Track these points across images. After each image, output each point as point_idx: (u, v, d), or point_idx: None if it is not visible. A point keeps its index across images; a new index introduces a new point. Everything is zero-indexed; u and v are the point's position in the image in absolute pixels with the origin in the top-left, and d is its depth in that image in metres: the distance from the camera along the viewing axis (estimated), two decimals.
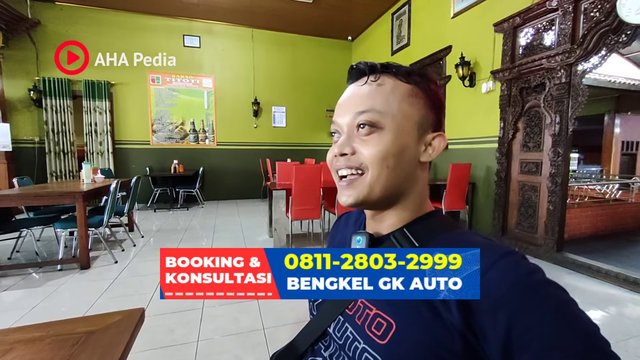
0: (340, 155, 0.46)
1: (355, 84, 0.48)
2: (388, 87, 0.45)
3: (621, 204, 4.36)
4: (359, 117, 0.45)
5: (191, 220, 4.73)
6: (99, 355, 0.48)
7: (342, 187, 0.47)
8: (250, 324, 1.87)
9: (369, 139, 0.44)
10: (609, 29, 2.50)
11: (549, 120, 2.96)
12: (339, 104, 0.49)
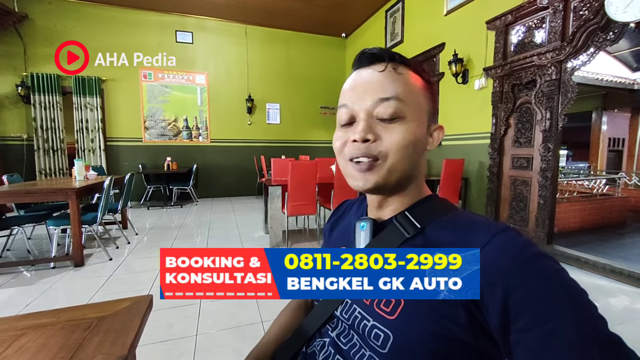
0: (363, 141, 0.45)
1: (371, 69, 0.47)
2: (406, 77, 0.46)
3: (608, 199, 4.48)
4: (383, 104, 0.44)
5: (185, 218, 4.70)
6: (112, 339, 0.49)
7: (361, 171, 0.46)
8: (249, 317, 1.88)
9: (392, 127, 0.45)
10: (597, 27, 2.56)
11: (539, 116, 3.03)
12: (352, 87, 0.47)
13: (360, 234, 0.51)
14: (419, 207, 0.49)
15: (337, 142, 0.49)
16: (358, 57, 0.49)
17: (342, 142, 0.48)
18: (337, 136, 0.49)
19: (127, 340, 0.48)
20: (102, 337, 0.49)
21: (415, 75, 0.47)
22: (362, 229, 0.51)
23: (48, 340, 0.47)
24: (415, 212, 0.47)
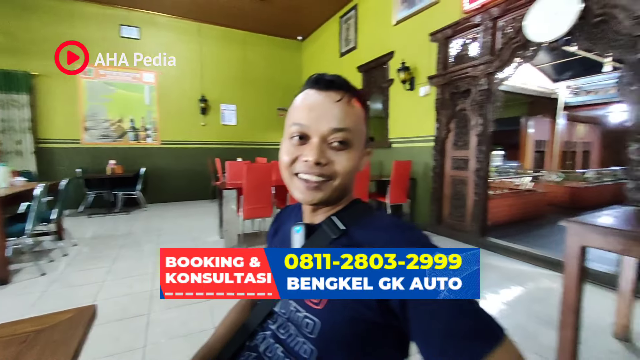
0: (316, 163, 0.50)
1: (328, 96, 0.52)
2: (357, 110, 0.52)
3: (532, 194, 5.10)
4: (337, 134, 0.50)
5: (133, 225, 4.42)
6: (51, 351, 0.49)
7: (310, 188, 0.52)
8: (200, 325, 1.86)
9: (341, 154, 0.51)
10: (519, 45, 2.93)
11: (474, 122, 3.37)
12: (309, 109, 0.51)
13: (296, 236, 0.57)
14: (344, 212, 0.56)
15: (286, 157, 0.53)
16: (315, 79, 0.53)
17: (292, 157, 0.53)
18: (287, 150, 0.53)
19: (69, 350, 0.49)
20: (40, 350, 0.49)
21: (360, 106, 0.54)
22: (297, 232, 0.57)
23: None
24: (341, 216, 0.55)
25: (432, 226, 3.90)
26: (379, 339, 0.47)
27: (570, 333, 1.42)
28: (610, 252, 1.28)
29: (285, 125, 0.55)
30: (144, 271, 2.67)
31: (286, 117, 0.56)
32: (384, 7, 4.67)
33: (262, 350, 0.55)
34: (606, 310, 1.92)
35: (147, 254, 3.14)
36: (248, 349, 0.58)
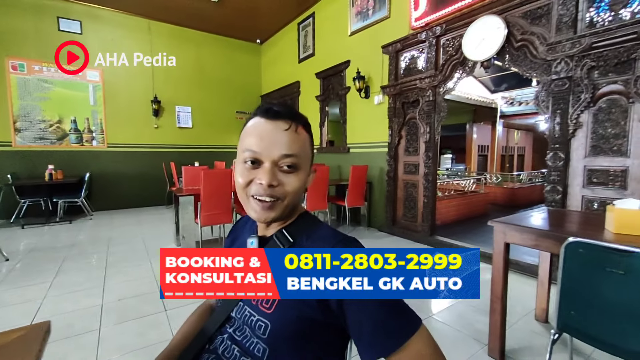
0: (269, 186, 0.56)
1: (277, 125, 0.58)
2: (302, 136, 0.59)
3: (475, 195, 5.62)
4: (286, 159, 0.57)
5: (77, 235, 4.07)
6: None
7: (264, 208, 0.58)
8: (159, 335, 1.81)
9: (291, 176, 0.58)
10: (458, 62, 3.26)
11: (422, 130, 3.66)
12: (260, 137, 0.57)
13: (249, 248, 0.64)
14: (293, 225, 0.64)
15: (241, 179, 0.59)
16: (265, 110, 0.59)
17: (247, 180, 0.58)
18: (241, 173, 0.59)
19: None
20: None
21: (305, 133, 0.61)
22: (251, 245, 0.64)
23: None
24: (290, 229, 0.63)
25: (387, 227, 4.13)
26: (319, 335, 0.55)
27: (499, 318, 1.64)
28: (526, 247, 1.51)
29: (239, 149, 0.61)
30: (93, 284, 2.50)
31: (239, 141, 0.62)
32: (340, 18, 4.86)
33: (220, 352, 0.61)
34: (531, 297, 2.22)
35: (96, 266, 2.94)
36: (207, 352, 0.63)
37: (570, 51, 2.36)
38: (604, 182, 2.33)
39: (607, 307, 1.07)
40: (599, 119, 2.33)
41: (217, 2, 5.31)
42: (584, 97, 2.35)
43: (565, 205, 2.50)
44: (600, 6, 2.31)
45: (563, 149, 2.48)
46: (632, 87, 2.14)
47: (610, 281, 1.04)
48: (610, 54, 2.22)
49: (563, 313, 1.19)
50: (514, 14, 2.74)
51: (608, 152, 2.30)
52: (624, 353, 1.05)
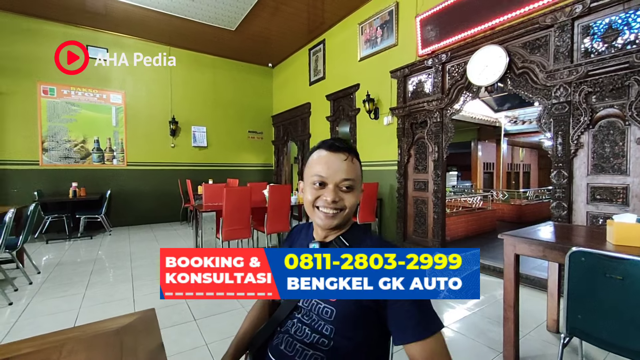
0: (333, 201, 0.73)
1: (338, 155, 0.75)
2: (356, 165, 0.78)
3: (483, 211, 5.72)
4: (345, 182, 0.74)
5: (98, 250, 4.25)
6: (145, 332, 0.66)
7: (329, 217, 0.74)
8: (192, 342, 1.94)
9: (349, 194, 0.76)
10: (463, 86, 3.48)
11: (430, 149, 3.84)
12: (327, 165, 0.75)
13: None
14: (348, 233, 0.81)
15: (310, 197, 0.77)
16: (329, 145, 0.78)
17: (315, 197, 0.76)
18: (310, 192, 0.77)
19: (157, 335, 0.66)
20: (133, 337, 0.66)
21: (357, 162, 0.80)
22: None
23: (88, 345, 0.62)
24: (346, 236, 0.80)
25: (398, 242, 4.25)
26: (371, 318, 0.71)
27: (512, 326, 1.75)
28: (535, 257, 1.64)
29: (307, 174, 0.80)
30: (123, 296, 2.65)
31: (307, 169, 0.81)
32: (350, 45, 5.18)
33: (292, 332, 0.76)
34: (542, 309, 2.31)
35: (123, 279, 3.09)
36: (280, 333, 0.79)
37: (568, 78, 2.57)
38: (607, 199, 2.46)
39: (608, 310, 1.20)
40: (599, 140, 2.50)
41: (234, 30, 5.69)
42: (583, 119, 2.53)
43: (570, 221, 2.63)
44: (594, 37, 2.52)
45: (566, 167, 2.64)
46: (628, 111, 2.32)
47: (610, 286, 1.18)
48: (606, 81, 2.41)
49: (570, 317, 1.32)
50: (514, 44, 2.97)
51: (609, 171, 2.45)
52: (627, 352, 1.17)
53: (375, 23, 4.65)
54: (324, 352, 0.69)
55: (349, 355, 0.69)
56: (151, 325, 0.69)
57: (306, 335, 0.73)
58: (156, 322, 0.71)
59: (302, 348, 0.71)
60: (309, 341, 0.71)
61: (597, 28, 2.50)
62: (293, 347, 0.73)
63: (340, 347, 0.69)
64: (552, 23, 2.67)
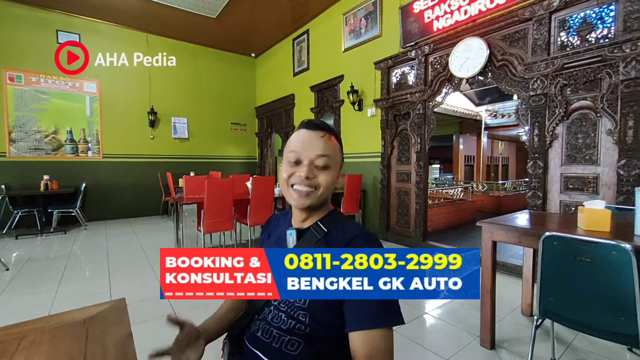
0: (306, 177, 0.71)
1: (314, 133, 0.74)
2: (333, 143, 0.76)
3: (463, 202, 5.87)
4: (320, 158, 0.72)
5: (73, 245, 4.08)
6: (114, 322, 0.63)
7: (302, 195, 0.72)
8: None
9: (324, 172, 0.73)
10: (445, 78, 3.52)
11: (413, 141, 3.89)
12: (302, 142, 0.74)
13: (289, 238, 0.78)
14: (326, 219, 0.79)
15: (285, 173, 0.76)
16: (307, 123, 0.77)
17: (289, 174, 0.75)
18: (285, 169, 0.76)
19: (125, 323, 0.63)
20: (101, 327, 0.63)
21: (336, 142, 0.78)
22: (290, 235, 0.78)
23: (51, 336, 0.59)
24: (324, 222, 0.78)
25: (381, 233, 4.30)
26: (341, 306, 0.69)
27: (489, 310, 1.80)
28: (511, 244, 1.70)
29: (285, 152, 0.78)
30: (100, 290, 2.56)
31: (285, 147, 0.79)
32: (334, 35, 5.12)
33: (269, 319, 0.74)
34: (517, 295, 2.40)
35: (99, 274, 2.98)
36: (258, 320, 0.77)
37: (544, 71, 2.64)
38: (579, 188, 2.57)
39: (578, 292, 1.25)
40: (572, 131, 2.59)
41: (216, 18, 5.51)
42: (558, 111, 2.61)
43: (545, 209, 2.73)
44: (570, 31, 2.60)
45: (542, 158, 2.73)
46: (599, 103, 2.41)
47: (580, 268, 1.23)
48: (580, 74, 2.50)
49: (543, 299, 1.37)
50: (494, 37, 3.02)
51: (581, 161, 2.55)
52: (594, 330, 1.23)
53: (360, 14, 4.62)
54: (301, 337, 0.68)
55: (325, 340, 0.68)
56: (120, 315, 0.66)
57: (283, 322, 0.72)
58: (126, 312, 0.67)
59: (279, 334, 0.70)
60: (286, 327, 0.70)
61: (572, 22, 2.57)
62: (270, 334, 0.71)
63: (316, 332, 0.68)
64: (531, 16, 2.73)
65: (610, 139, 2.38)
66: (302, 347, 0.67)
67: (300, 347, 0.67)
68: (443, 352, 1.76)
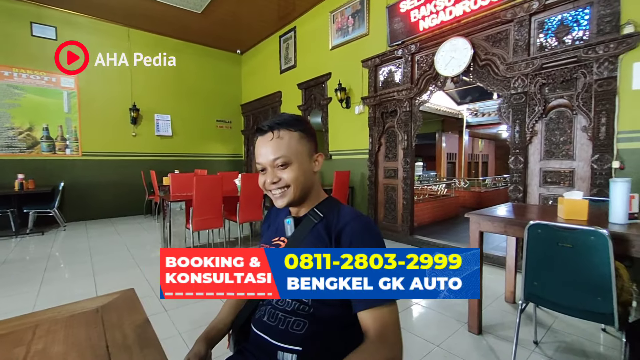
0: (272, 183, 0.75)
1: (264, 137, 0.76)
2: (286, 138, 0.76)
3: (447, 198, 6.04)
4: (277, 160, 0.74)
5: (52, 246, 3.93)
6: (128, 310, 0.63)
7: (277, 197, 0.77)
8: (164, 333, 1.88)
9: (285, 170, 0.75)
10: (431, 77, 3.61)
11: (400, 138, 3.97)
12: (259, 152, 0.77)
13: (287, 226, 0.81)
14: (321, 205, 0.82)
15: (260, 182, 0.80)
16: (257, 129, 0.79)
17: (262, 181, 0.79)
18: (259, 178, 0.80)
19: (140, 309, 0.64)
20: (116, 312, 0.63)
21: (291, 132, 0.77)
22: (288, 223, 0.81)
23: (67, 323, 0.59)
24: (319, 208, 0.81)
25: None
26: None
27: (476, 299, 1.89)
28: (497, 233, 1.78)
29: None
30: (86, 291, 2.49)
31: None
32: (321, 33, 5.14)
33: (274, 303, 0.76)
34: (501, 284, 2.51)
35: (83, 274, 2.89)
36: (263, 305, 0.79)
37: (525, 70, 2.76)
38: (556, 182, 2.71)
39: (560, 275, 1.34)
40: (550, 128, 2.73)
41: (201, 13, 5.41)
42: (537, 109, 2.74)
43: (525, 202, 2.86)
44: (548, 33, 2.73)
45: (522, 153, 2.86)
46: (575, 101, 2.55)
47: (562, 254, 1.31)
48: (557, 73, 2.63)
49: (528, 284, 1.45)
50: (478, 37, 3.13)
51: (558, 156, 2.69)
52: (573, 311, 1.32)
53: (347, 12, 4.66)
54: (306, 317, 0.70)
55: (329, 319, 0.71)
56: (133, 303, 0.66)
57: (287, 304, 0.74)
58: (138, 300, 0.68)
59: (285, 316, 0.72)
60: (290, 309, 0.73)
61: (550, 24, 2.70)
62: (275, 317, 0.73)
63: (319, 312, 0.71)
64: (512, 18, 2.85)
65: (585, 135, 2.52)
66: (307, 326, 0.70)
67: (306, 327, 0.70)
68: (434, 338, 1.83)
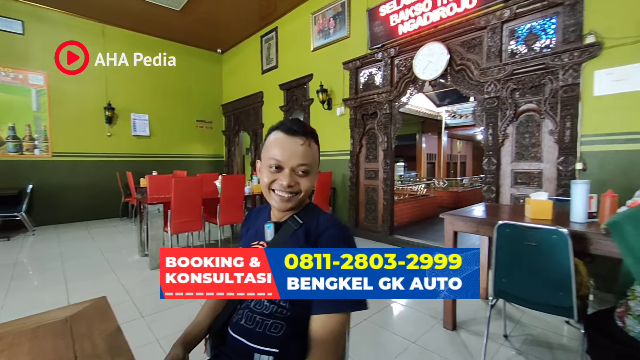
0: (288, 186, 0.75)
1: (295, 140, 0.76)
2: (314, 149, 0.79)
3: (426, 198, 6.20)
4: (301, 167, 0.75)
5: (19, 253, 3.73)
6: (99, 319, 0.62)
7: (283, 200, 0.76)
8: (141, 339, 1.84)
9: (304, 178, 0.77)
10: (410, 80, 3.70)
11: (380, 139, 4.04)
12: (282, 149, 0.75)
13: (267, 231, 0.82)
14: (302, 212, 0.84)
15: (266, 179, 0.78)
16: (287, 128, 0.78)
17: (271, 180, 0.78)
18: (267, 175, 0.78)
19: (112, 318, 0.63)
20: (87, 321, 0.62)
21: (315, 145, 0.81)
22: (268, 228, 0.82)
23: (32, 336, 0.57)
24: (300, 215, 0.82)
25: (351, 229, 4.42)
26: None
27: None
28: (469, 233, 1.86)
29: (264, 156, 0.80)
30: (57, 300, 2.38)
31: (264, 150, 0.80)
32: (303, 34, 5.15)
33: (252, 306, 0.77)
34: None
35: (54, 282, 2.76)
36: (241, 308, 0.79)
37: (497, 75, 2.89)
38: (526, 182, 2.85)
39: (526, 272, 1.42)
40: (520, 131, 2.86)
41: (179, 10, 5.30)
42: (508, 113, 2.87)
43: (498, 202, 2.99)
44: (518, 40, 2.86)
45: (495, 155, 2.98)
46: (543, 106, 2.69)
47: (528, 252, 1.39)
48: (527, 79, 2.77)
49: (497, 281, 1.52)
50: (454, 42, 3.24)
51: (528, 158, 2.83)
52: (537, 305, 1.40)
53: (328, 14, 4.69)
54: (283, 320, 0.72)
55: (306, 322, 0.72)
56: (104, 311, 0.65)
57: (265, 307, 0.75)
58: (109, 308, 0.67)
59: (262, 319, 0.73)
60: (268, 312, 0.74)
61: (521, 32, 2.84)
62: (253, 320, 0.74)
63: (297, 314, 0.72)
64: (486, 25, 2.97)
65: (552, 138, 2.67)
66: (285, 329, 0.71)
67: (283, 329, 0.71)
68: (410, 335, 1.89)
